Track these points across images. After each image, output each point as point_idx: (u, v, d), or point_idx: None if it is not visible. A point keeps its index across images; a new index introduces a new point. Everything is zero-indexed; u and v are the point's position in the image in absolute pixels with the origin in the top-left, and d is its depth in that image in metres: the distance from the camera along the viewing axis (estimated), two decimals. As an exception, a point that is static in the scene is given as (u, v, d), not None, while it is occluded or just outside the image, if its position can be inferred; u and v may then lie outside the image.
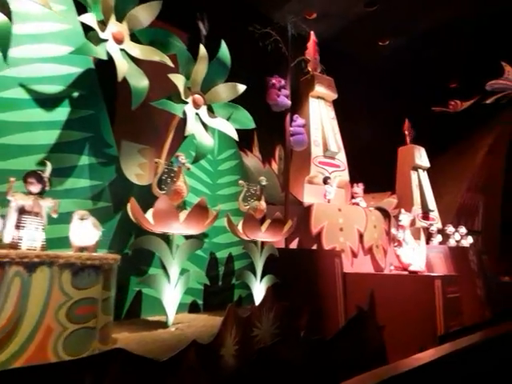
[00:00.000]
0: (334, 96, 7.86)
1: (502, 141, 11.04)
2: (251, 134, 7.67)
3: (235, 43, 5.04)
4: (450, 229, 8.29)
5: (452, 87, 11.29)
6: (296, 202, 6.72)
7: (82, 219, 2.51)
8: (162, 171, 3.80)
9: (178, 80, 3.82)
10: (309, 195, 6.99)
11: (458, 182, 10.96)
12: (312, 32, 7.69)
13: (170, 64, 3.82)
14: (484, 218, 11.64)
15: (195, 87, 4.07)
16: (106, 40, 3.56)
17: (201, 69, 4.02)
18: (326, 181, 6.86)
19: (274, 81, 6.04)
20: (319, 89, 7.57)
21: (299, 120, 6.41)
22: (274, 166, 7.91)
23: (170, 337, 3.07)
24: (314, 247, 6.15)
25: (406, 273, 5.74)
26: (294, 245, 6.38)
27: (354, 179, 7.71)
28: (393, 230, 6.13)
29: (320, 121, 7.54)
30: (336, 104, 8.02)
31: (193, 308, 4.45)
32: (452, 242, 8.22)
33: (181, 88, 3.85)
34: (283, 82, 6.20)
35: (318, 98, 7.71)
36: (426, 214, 8.23)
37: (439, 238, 8.03)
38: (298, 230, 6.30)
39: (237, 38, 6.43)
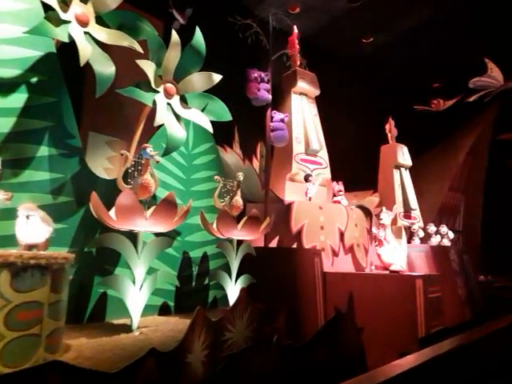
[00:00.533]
0: (317, 92, 7.69)
1: (483, 140, 11.07)
2: (231, 129, 7.46)
3: (214, 34, 4.82)
4: (431, 228, 8.23)
5: (435, 87, 11.28)
6: (277, 199, 6.54)
7: (28, 214, 2.25)
8: (129, 164, 3.54)
9: (148, 67, 3.58)
10: (290, 193, 6.81)
11: (440, 181, 10.94)
12: (295, 26, 7.51)
13: (140, 50, 3.57)
14: (465, 217, 11.68)
15: (167, 75, 3.83)
16: (68, 22, 3.30)
17: (173, 56, 3.78)
18: (307, 178, 6.70)
19: (253, 74, 5.82)
20: (301, 84, 7.39)
21: (279, 115, 6.21)
22: (256, 163, 7.72)
23: (131, 343, 2.83)
24: (295, 246, 5.98)
25: (387, 272, 5.61)
26: (274, 243, 6.20)
27: (336, 177, 7.57)
28: (374, 229, 6.00)
29: (302, 117, 7.36)
30: (318, 100, 7.86)
31: (163, 310, 4.21)
32: (433, 241, 8.16)
33: (150, 75, 3.61)
34: (264, 75, 5.99)
35: (301, 94, 7.53)
36: (407, 213, 8.14)
37: (421, 236, 7.95)
38: (278, 229, 6.12)
39: (216, 28, 6.21)
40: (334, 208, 6.73)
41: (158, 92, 3.72)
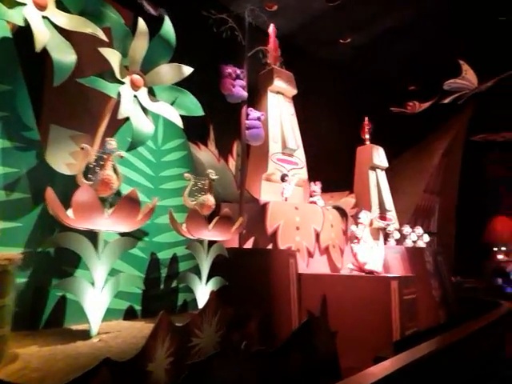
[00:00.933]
0: (294, 91, 7.58)
1: (457, 142, 11.23)
2: (206, 126, 7.26)
3: (188, 27, 4.63)
4: (406, 229, 8.24)
5: (411, 90, 11.37)
6: (252, 199, 6.39)
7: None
8: (90, 159, 3.31)
9: (112, 56, 3.36)
10: (266, 193, 6.68)
11: (415, 183, 11.03)
12: (272, 24, 7.39)
13: (103, 37, 3.36)
14: (440, 219, 11.81)
15: (133, 66, 3.62)
16: (23, 4, 3.05)
17: (140, 46, 3.58)
18: (283, 178, 6.59)
19: (228, 70, 5.65)
20: (278, 83, 7.27)
21: (256, 113, 6.06)
22: (232, 162, 7.54)
23: (87, 351, 2.61)
24: (270, 247, 5.84)
25: (362, 274, 5.54)
26: (250, 244, 6.04)
27: (313, 178, 7.48)
28: (352, 227, 5.94)
29: (279, 116, 7.24)
30: (296, 100, 7.76)
31: (129, 314, 3.98)
32: (409, 243, 8.18)
33: (114, 65, 3.39)
34: (239, 72, 5.83)
35: (278, 92, 7.41)
36: (383, 214, 8.13)
37: (396, 237, 7.95)
38: (254, 229, 5.98)
39: (189, 21, 6.04)
40: (310, 208, 6.63)
41: (123, 83, 3.51)
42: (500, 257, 18.96)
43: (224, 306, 3.60)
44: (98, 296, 3.04)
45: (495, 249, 19.11)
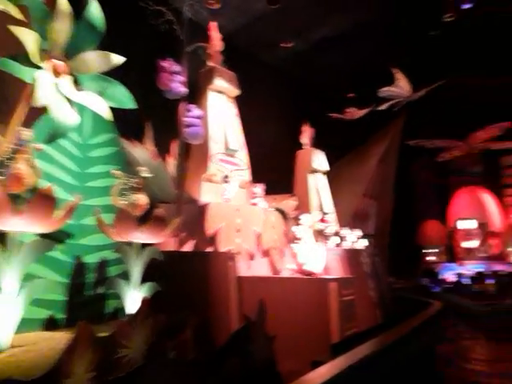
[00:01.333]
0: (236, 92, 7.48)
1: (393, 148, 11.73)
2: (142, 123, 6.91)
3: (122, 16, 4.33)
4: (345, 231, 8.42)
5: (349, 97, 11.73)
6: (192, 200, 6.16)
7: None
8: (2, 151, 2.92)
9: (26, 36, 3.00)
10: (207, 194, 6.48)
11: (354, 187, 11.37)
12: (214, 22, 7.23)
13: (17, 15, 3.00)
14: (377, 221, 12.26)
15: (55, 51, 3.28)
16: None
17: (62, 28, 3.25)
18: (224, 179, 6.45)
19: (165, 64, 5.40)
20: (219, 83, 7.11)
21: (195, 111, 5.85)
22: (171, 161, 7.24)
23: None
24: (211, 250, 5.63)
25: (302, 276, 5.51)
26: (189, 247, 5.79)
27: (257, 180, 7.41)
28: (293, 228, 5.92)
29: (220, 116, 7.08)
30: (239, 102, 7.65)
31: (51, 325, 3.58)
32: (347, 245, 8.35)
33: (29, 47, 3.03)
34: (177, 67, 5.59)
35: (219, 92, 7.25)
36: (322, 217, 8.26)
37: (336, 240, 8.09)
38: (193, 231, 5.76)
39: (125, 10, 5.71)
40: (252, 210, 6.55)
41: (40, 68, 3.15)
42: (429, 258, 20.24)
43: (156, 313, 3.35)
44: (7, 304, 2.66)
45: (425, 251, 20.37)
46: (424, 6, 8.71)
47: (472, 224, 19.21)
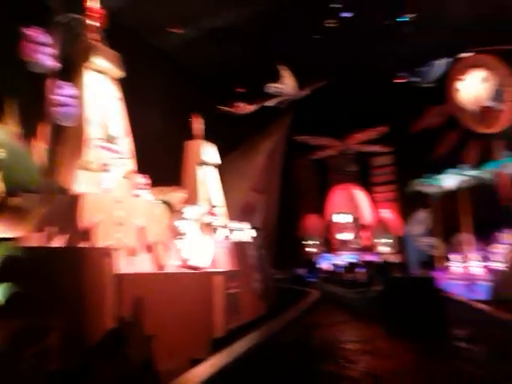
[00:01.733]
0: (119, 73, 6.87)
1: (279, 145, 12.19)
2: (2, 100, 5.91)
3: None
4: (233, 224, 8.45)
5: (239, 92, 11.81)
6: (63, 190, 5.45)
7: None
8: None
9: None
10: (82, 183, 5.82)
11: (243, 181, 11.53)
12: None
13: None
14: (264, 215, 12.63)
15: None
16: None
17: None
18: (103, 167, 5.87)
19: (30, 32, 4.64)
20: (99, 61, 6.45)
21: (68, 89, 5.17)
22: (40, 145, 6.32)
23: None
24: (87, 245, 5.04)
25: (186, 270, 5.29)
26: (60, 243, 5.11)
27: (143, 170, 6.92)
28: (176, 223, 5.64)
29: (100, 98, 6.43)
30: (125, 86, 7.04)
31: None
32: (235, 237, 8.38)
33: None
34: (45, 37, 4.86)
35: (99, 72, 6.57)
36: (210, 210, 8.16)
37: (224, 233, 8.05)
38: (65, 225, 5.10)
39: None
40: (135, 203, 6.10)
41: None
42: (309, 250, 21.67)
43: (12, 317, 2.84)
44: None
45: (305, 242, 21.77)
46: (308, 9, 9.13)
47: (346, 218, 21.03)
